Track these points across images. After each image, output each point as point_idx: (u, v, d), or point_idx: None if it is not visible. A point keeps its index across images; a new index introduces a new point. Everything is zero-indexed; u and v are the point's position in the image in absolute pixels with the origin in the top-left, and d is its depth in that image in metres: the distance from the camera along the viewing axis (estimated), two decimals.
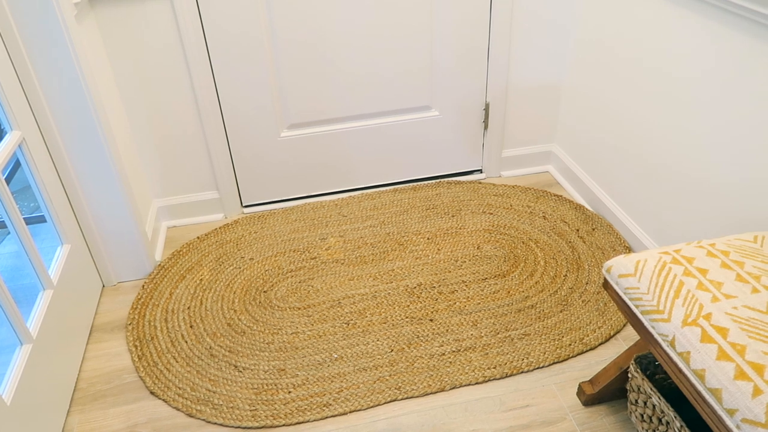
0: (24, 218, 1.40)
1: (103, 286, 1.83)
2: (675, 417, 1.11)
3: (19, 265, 1.49)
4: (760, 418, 0.83)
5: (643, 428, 1.25)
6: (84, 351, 1.60)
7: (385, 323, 1.62)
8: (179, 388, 1.47)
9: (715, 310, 0.98)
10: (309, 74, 1.94)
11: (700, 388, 0.93)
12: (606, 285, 1.18)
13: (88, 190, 1.66)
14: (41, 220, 1.63)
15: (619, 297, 1.13)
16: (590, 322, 1.60)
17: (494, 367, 1.49)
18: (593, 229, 1.94)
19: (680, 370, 0.98)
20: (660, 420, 1.18)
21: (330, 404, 1.42)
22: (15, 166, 1.95)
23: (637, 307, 1.08)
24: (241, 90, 1.91)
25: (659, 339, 1.02)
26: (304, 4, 1.81)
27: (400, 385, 1.46)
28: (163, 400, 1.45)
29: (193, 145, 1.98)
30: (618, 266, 1.13)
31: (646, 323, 1.06)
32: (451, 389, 1.45)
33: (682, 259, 1.10)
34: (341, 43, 1.90)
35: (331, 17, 1.85)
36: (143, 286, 1.79)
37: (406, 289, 1.73)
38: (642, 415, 1.24)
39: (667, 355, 1.01)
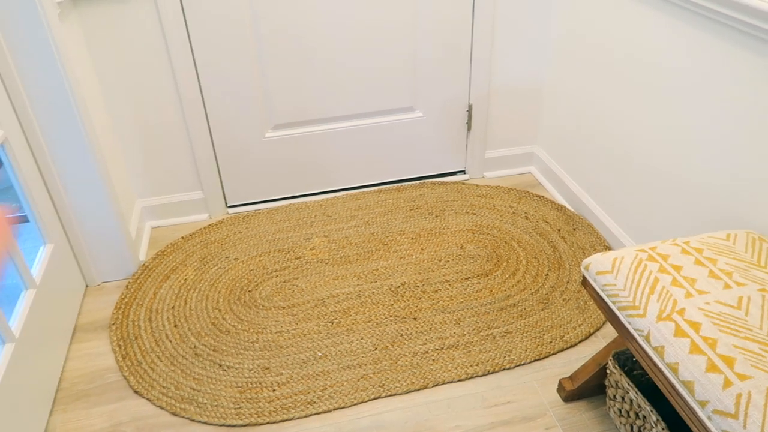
0: (7, 218, 1.39)
1: (87, 285, 1.82)
2: (651, 411, 1.14)
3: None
4: (729, 408, 0.86)
5: (621, 423, 1.28)
6: (67, 351, 1.60)
7: (369, 322, 1.64)
8: (163, 387, 1.47)
9: (688, 305, 1.01)
10: (294, 75, 1.95)
11: (673, 381, 0.96)
12: (584, 282, 1.20)
13: (71, 189, 1.65)
14: (24, 220, 1.62)
15: (597, 293, 1.16)
16: (571, 320, 1.62)
17: (476, 365, 1.51)
18: (574, 229, 1.97)
19: (655, 364, 1.00)
20: (637, 414, 1.21)
21: (314, 402, 1.43)
22: None
23: (614, 303, 1.11)
24: (225, 91, 1.92)
25: (635, 334, 1.05)
26: (288, 8, 1.83)
27: (383, 382, 1.47)
28: (147, 399, 1.45)
29: (178, 146, 1.98)
30: (596, 263, 1.16)
31: (622, 319, 1.08)
32: (434, 386, 1.47)
33: (658, 256, 1.13)
34: (326, 44, 1.92)
35: (316, 17, 1.87)
36: (127, 286, 1.79)
37: (390, 289, 1.75)
38: (620, 410, 1.27)
39: (643, 349, 1.03)
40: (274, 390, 1.46)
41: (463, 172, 2.31)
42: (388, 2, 1.89)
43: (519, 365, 1.51)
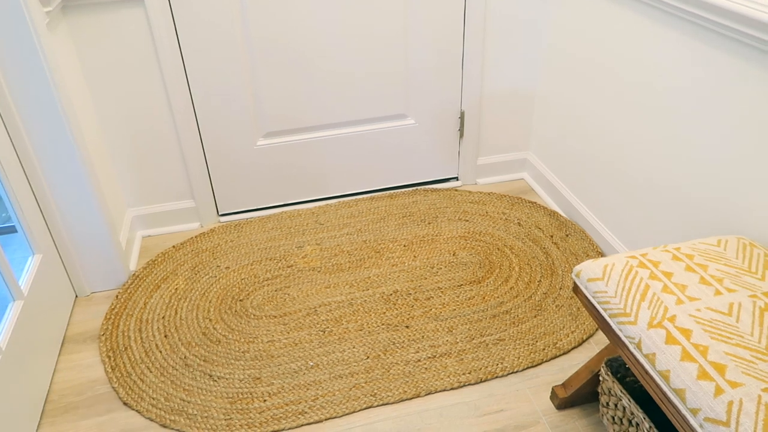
0: None
1: (76, 296, 1.80)
2: (644, 418, 1.13)
3: None
4: (721, 416, 0.85)
5: (614, 430, 1.27)
6: (56, 362, 1.58)
7: (361, 330, 1.62)
8: (153, 399, 1.45)
9: (679, 312, 1.00)
10: (285, 83, 1.95)
11: (665, 388, 0.95)
12: (576, 289, 1.20)
13: (60, 199, 1.64)
14: (12, 230, 1.60)
15: (588, 301, 1.15)
16: (563, 327, 1.62)
17: (469, 373, 1.50)
18: (567, 236, 1.97)
19: (646, 372, 1.00)
20: (630, 421, 1.20)
21: (305, 412, 1.41)
22: None
23: (605, 310, 1.10)
24: (216, 99, 1.91)
25: (626, 341, 1.04)
26: (279, 15, 1.82)
27: (375, 391, 1.46)
28: (137, 410, 1.43)
29: (169, 154, 1.97)
30: (587, 270, 1.15)
31: (613, 326, 1.08)
32: (426, 395, 1.46)
33: (649, 262, 1.12)
34: (317, 52, 1.92)
35: (308, 26, 1.86)
36: (117, 296, 1.78)
37: (383, 296, 1.74)
38: (613, 417, 1.26)
39: (634, 356, 1.03)
40: (265, 400, 1.44)
41: (456, 178, 2.31)
42: (380, 10, 1.89)
43: (512, 373, 1.50)
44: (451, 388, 1.47)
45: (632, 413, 1.17)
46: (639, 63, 1.58)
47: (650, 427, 1.12)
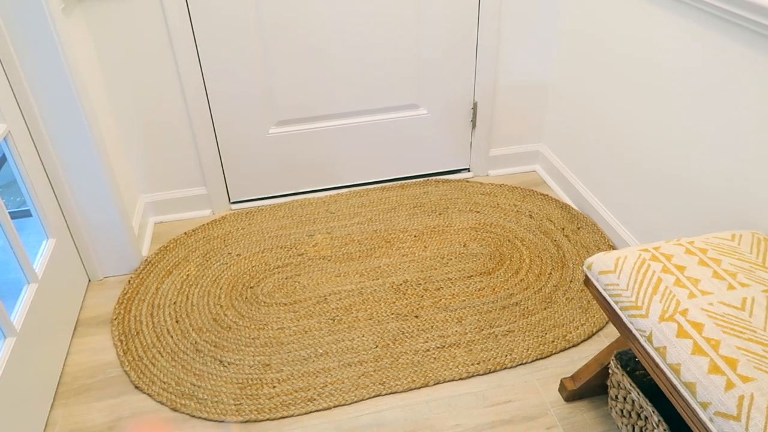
0: (9, 213, 1.40)
1: (89, 280, 1.82)
2: (653, 412, 1.13)
3: (4, 259, 1.49)
4: (731, 411, 0.85)
5: (622, 423, 1.27)
6: (69, 345, 1.60)
7: (370, 319, 1.63)
8: (164, 383, 1.47)
9: (691, 306, 1.00)
10: (298, 71, 1.94)
11: (675, 382, 0.95)
12: (587, 281, 1.19)
13: (74, 184, 1.66)
14: (27, 214, 1.62)
15: (599, 293, 1.15)
16: (573, 320, 1.61)
17: (478, 363, 1.50)
18: (578, 228, 1.96)
19: (657, 365, 0.99)
20: (639, 415, 1.20)
21: (314, 399, 1.43)
22: (1, 161, 1.94)
23: (616, 303, 1.10)
24: (229, 86, 1.91)
25: (637, 334, 1.04)
26: (292, 3, 1.82)
27: (384, 380, 1.47)
28: (148, 394, 1.45)
29: (181, 141, 1.98)
30: (598, 263, 1.15)
31: (624, 319, 1.07)
32: (434, 385, 1.46)
33: (661, 256, 1.11)
34: (330, 40, 1.91)
35: (321, 13, 1.86)
36: (129, 281, 1.79)
37: (392, 286, 1.74)
38: (622, 410, 1.26)
39: (645, 350, 1.02)
40: (274, 387, 1.46)
41: (468, 170, 2.30)
42: None
43: (521, 364, 1.50)
44: (460, 378, 1.47)
45: (641, 406, 1.17)
46: (656, 57, 1.56)
47: (659, 420, 1.11)
